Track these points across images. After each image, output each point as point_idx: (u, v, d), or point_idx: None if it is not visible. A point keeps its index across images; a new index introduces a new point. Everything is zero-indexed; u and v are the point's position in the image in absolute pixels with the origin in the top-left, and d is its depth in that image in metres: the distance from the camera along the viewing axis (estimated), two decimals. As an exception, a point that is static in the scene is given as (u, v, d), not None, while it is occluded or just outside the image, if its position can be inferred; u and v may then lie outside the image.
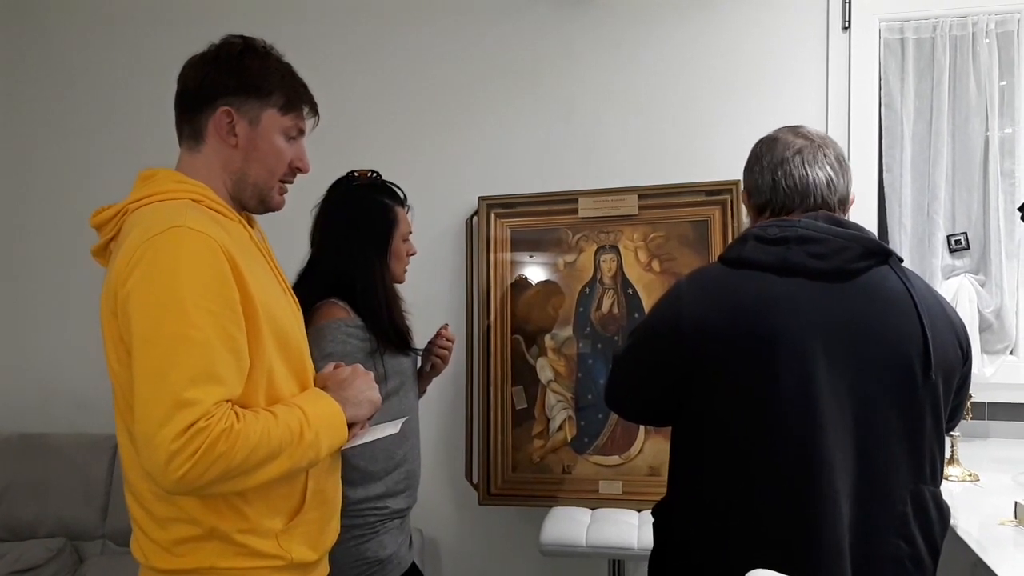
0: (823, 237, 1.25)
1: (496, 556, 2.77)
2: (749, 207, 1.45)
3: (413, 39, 2.82)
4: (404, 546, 1.84)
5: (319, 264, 1.82)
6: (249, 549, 1.19)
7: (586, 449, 2.52)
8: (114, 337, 1.15)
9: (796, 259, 1.25)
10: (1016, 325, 2.41)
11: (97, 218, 1.26)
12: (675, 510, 1.38)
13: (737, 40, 2.60)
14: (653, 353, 1.36)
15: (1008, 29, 2.41)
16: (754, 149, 1.44)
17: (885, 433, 1.22)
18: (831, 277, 1.24)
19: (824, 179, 1.35)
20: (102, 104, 3.05)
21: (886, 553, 1.22)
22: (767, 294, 1.24)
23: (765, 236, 1.28)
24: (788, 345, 1.21)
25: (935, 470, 1.27)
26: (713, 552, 1.28)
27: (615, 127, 2.69)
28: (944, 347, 1.25)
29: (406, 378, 1.85)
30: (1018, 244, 2.40)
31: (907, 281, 1.27)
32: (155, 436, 1.04)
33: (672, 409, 1.35)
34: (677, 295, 1.34)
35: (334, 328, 1.71)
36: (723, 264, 1.33)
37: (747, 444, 1.24)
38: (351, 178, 1.86)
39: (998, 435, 2.41)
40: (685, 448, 1.36)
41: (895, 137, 2.48)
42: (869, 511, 1.22)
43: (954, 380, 1.29)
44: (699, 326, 1.27)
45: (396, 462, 1.79)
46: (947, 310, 1.32)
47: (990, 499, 1.74)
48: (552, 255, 2.62)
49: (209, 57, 1.28)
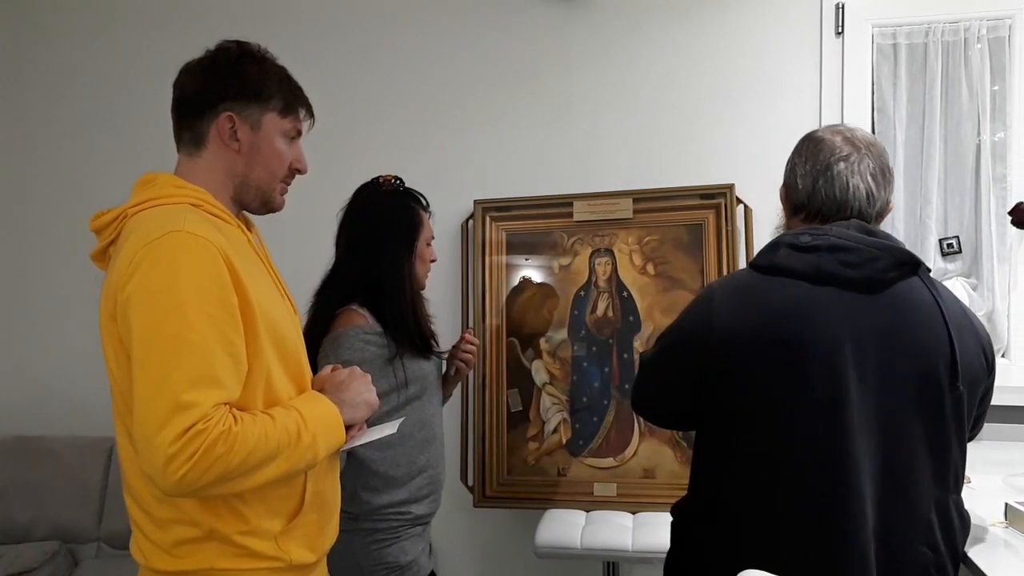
0: (855, 246, 1.26)
1: (491, 558, 2.78)
2: (784, 202, 1.45)
3: (409, 42, 2.83)
4: (425, 554, 1.84)
5: (345, 265, 1.83)
6: (248, 550, 1.20)
7: (581, 451, 2.53)
8: (113, 340, 1.16)
9: (829, 268, 1.25)
10: (1008, 328, 2.43)
11: (96, 222, 1.26)
12: (694, 511, 1.39)
13: (732, 45, 2.62)
14: (683, 356, 1.36)
15: (1000, 35, 2.43)
16: (800, 145, 1.42)
17: (911, 442, 1.23)
18: (862, 286, 1.25)
19: (864, 191, 1.34)
20: (100, 107, 3.06)
21: (911, 560, 1.23)
22: (800, 302, 1.25)
23: (798, 244, 1.28)
24: (819, 354, 1.22)
25: (957, 479, 1.28)
26: (727, 554, 1.28)
27: (610, 131, 2.70)
28: (970, 358, 1.26)
29: (428, 383, 1.85)
30: (1009, 248, 2.42)
31: (936, 292, 1.28)
32: (154, 438, 1.05)
33: (699, 412, 1.36)
34: (709, 300, 1.34)
35: (352, 336, 1.72)
36: (755, 270, 1.33)
37: (774, 449, 1.24)
38: (378, 183, 1.88)
39: (989, 437, 2.40)
40: (711, 451, 1.37)
41: (888, 141, 2.50)
42: (894, 518, 1.23)
43: (978, 391, 1.30)
44: (730, 331, 1.27)
45: (419, 467, 1.79)
46: (974, 322, 1.32)
47: (982, 501, 1.74)
48: (547, 258, 2.63)
49: (206, 63, 1.29)
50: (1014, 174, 2.42)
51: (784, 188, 1.44)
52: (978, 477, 1.93)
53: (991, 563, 1.36)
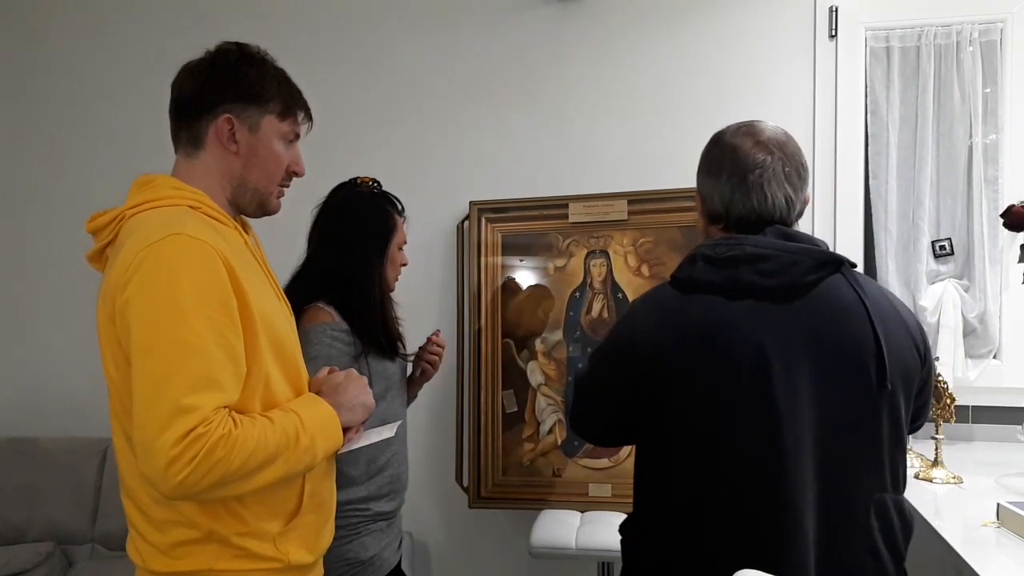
0: (772, 254, 1.23)
1: (486, 559, 2.78)
2: (700, 211, 1.40)
3: (405, 45, 2.84)
4: (390, 548, 1.84)
5: (315, 262, 1.84)
6: (247, 552, 1.20)
7: (576, 452, 2.54)
8: (112, 343, 1.16)
9: (746, 279, 1.22)
10: (999, 329, 2.45)
11: (93, 223, 1.26)
12: (643, 526, 1.36)
13: (726, 47, 2.63)
14: (613, 372, 1.33)
15: (991, 38, 2.45)
16: (710, 152, 1.37)
17: (846, 445, 1.21)
18: (783, 293, 1.22)
19: (783, 198, 1.30)
20: (94, 108, 3.05)
21: (851, 567, 1.22)
22: (716, 319, 1.23)
23: (714, 256, 1.26)
24: (740, 369, 1.20)
25: (896, 477, 1.26)
26: (667, 570, 1.28)
27: (606, 133, 2.71)
28: (900, 352, 1.24)
29: (392, 383, 1.86)
30: (1001, 250, 2.44)
31: (859, 288, 1.25)
32: (155, 442, 1.05)
33: (633, 427, 1.33)
34: (632, 317, 1.33)
35: (319, 331, 1.73)
36: (674, 286, 1.30)
37: (709, 463, 1.23)
38: (354, 183, 1.89)
39: (982, 438, 2.44)
40: (649, 466, 1.35)
41: (881, 144, 2.51)
42: (833, 525, 1.21)
43: (913, 384, 1.28)
44: (654, 347, 1.25)
45: (379, 467, 1.80)
46: (902, 313, 1.30)
47: (974, 501, 1.76)
48: (542, 259, 2.63)
49: (206, 65, 1.29)
50: (1006, 176, 2.44)
51: (699, 196, 1.39)
52: (970, 478, 1.95)
53: (984, 564, 1.38)
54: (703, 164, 1.38)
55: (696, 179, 1.40)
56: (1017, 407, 2.40)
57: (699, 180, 1.39)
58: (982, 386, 2.44)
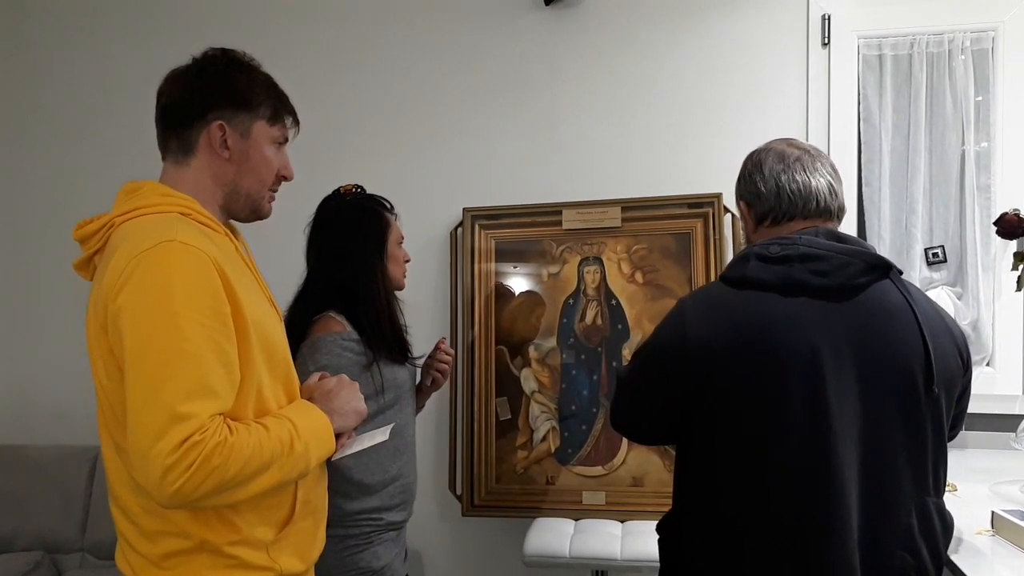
0: (825, 254, 1.26)
1: (480, 567, 2.77)
2: (748, 218, 1.43)
3: (397, 51, 2.83)
4: (399, 558, 1.84)
5: (318, 275, 1.83)
6: (239, 561, 1.19)
7: (570, 460, 2.53)
8: (103, 352, 1.15)
9: (800, 277, 1.25)
10: (992, 337, 2.45)
11: (81, 231, 1.25)
12: (684, 525, 1.37)
13: (719, 55, 2.64)
14: (659, 372, 1.34)
15: (983, 47, 2.46)
16: (751, 160, 1.43)
17: (890, 447, 1.23)
18: (835, 294, 1.25)
19: (826, 185, 1.36)
20: (80, 116, 3.04)
21: (893, 565, 1.23)
22: (771, 314, 1.24)
23: (767, 255, 1.28)
24: (795, 365, 1.21)
25: (938, 481, 1.28)
26: (716, 568, 1.28)
27: (599, 140, 2.71)
28: (945, 358, 1.26)
29: (403, 392, 1.85)
30: (994, 257, 2.44)
31: (908, 294, 1.28)
32: (150, 450, 1.04)
33: (679, 427, 1.34)
34: (681, 314, 1.33)
35: (329, 341, 1.72)
36: (725, 283, 1.32)
37: (757, 462, 1.24)
38: (339, 193, 1.89)
39: (975, 445, 2.44)
40: (693, 465, 1.35)
41: (874, 151, 2.52)
42: (876, 525, 1.23)
43: (955, 390, 1.31)
44: (704, 346, 1.26)
45: (391, 476, 1.79)
46: (947, 321, 1.33)
47: (968, 509, 1.76)
48: (536, 266, 2.63)
49: (193, 71, 1.28)
50: (998, 183, 2.44)
51: (744, 203, 1.43)
52: (964, 485, 1.94)
53: (978, 572, 1.37)
54: (743, 176, 1.43)
55: (736, 197, 1.46)
56: (1010, 414, 2.40)
57: (740, 190, 1.44)
58: (975, 393, 2.38)
